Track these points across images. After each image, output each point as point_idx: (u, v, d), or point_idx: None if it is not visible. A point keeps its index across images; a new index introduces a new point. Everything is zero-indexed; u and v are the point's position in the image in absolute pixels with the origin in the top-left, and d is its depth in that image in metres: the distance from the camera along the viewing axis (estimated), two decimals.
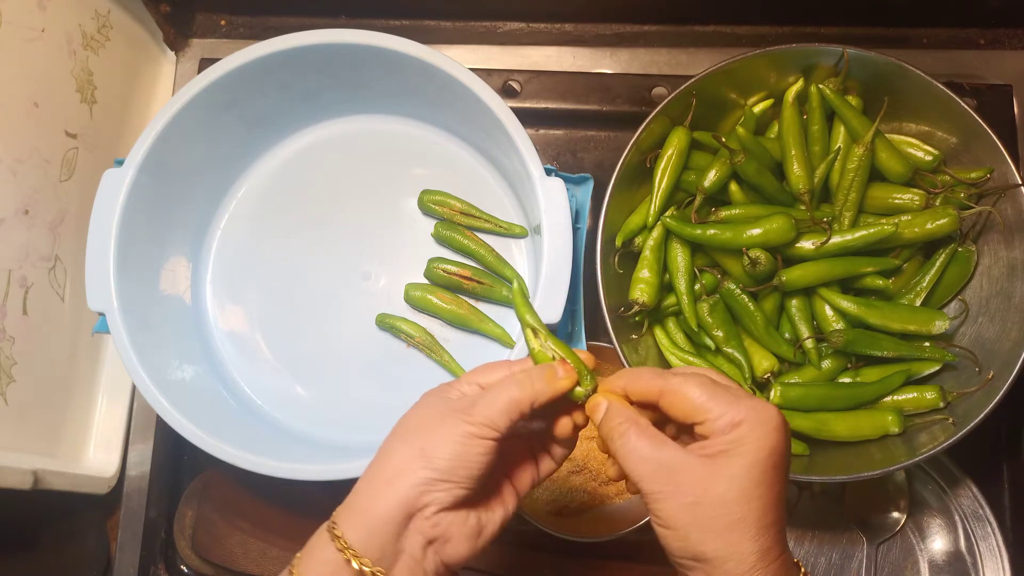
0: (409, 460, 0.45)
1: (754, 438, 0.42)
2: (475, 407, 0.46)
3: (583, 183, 0.70)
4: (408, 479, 0.45)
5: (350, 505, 0.47)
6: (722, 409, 0.43)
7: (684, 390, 0.45)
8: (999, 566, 0.69)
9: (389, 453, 0.47)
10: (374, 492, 0.46)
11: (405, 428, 0.48)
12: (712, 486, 0.42)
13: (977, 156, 0.67)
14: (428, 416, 0.47)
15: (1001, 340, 0.65)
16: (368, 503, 0.46)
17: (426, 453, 0.45)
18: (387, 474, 0.46)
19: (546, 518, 0.72)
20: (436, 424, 0.46)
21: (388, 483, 0.45)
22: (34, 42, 0.69)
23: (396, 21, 0.87)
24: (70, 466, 0.74)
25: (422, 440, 0.46)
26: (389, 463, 0.46)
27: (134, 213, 0.67)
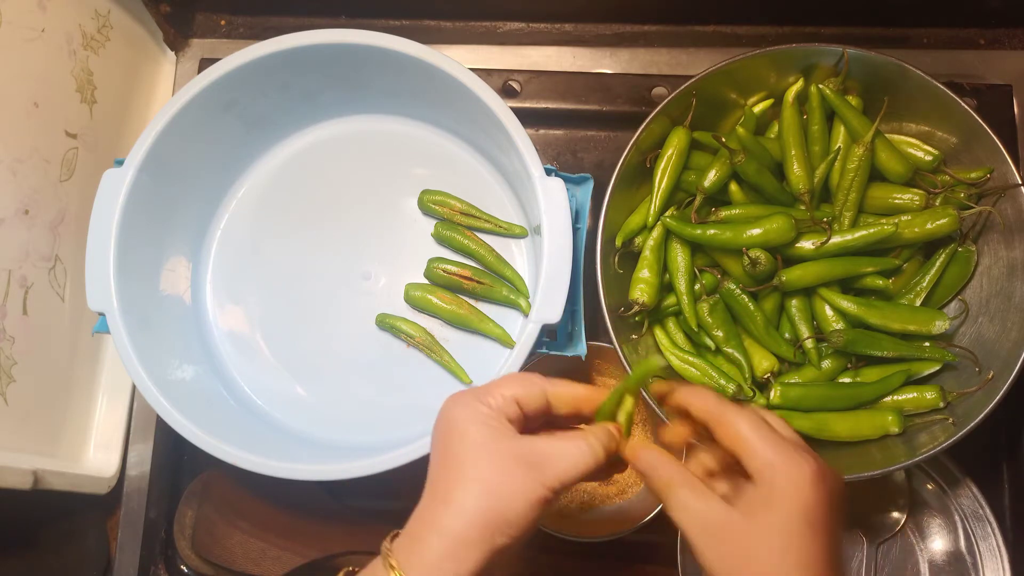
0: (482, 516, 0.45)
1: (787, 492, 0.43)
2: (550, 469, 0.46)
3: (583, 183, 0.70)
4: (478, 533, 0.45)
5: (409, 534, 0.46)
6: (760, 448, 0.44)
7: (735, 421, 0.45)
8: (999, 566, 0.69)
9: (452, 494, 0.46)
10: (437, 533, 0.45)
11: (468, 463, 0.46)
12: (751, 546, 0.43)
13: (977, 156, 0.67)
14: (491, 463, 0.46)
15: (1001, 340, 0.65)
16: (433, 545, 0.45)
17: (502, 516, 0.45)
18: (450, 518, 0.45)
19: (546, 518, 0.72)
20: (506, 479, 0.45)
21: (450, 530, 0.45)
22: (34, 42, 0.69)
23: (396, 21, 0.87)
24: (70, 466, 0.74)
25: (490, 495, 0.45)
26: (455, 505, 0.45)
27: (134, 213, 0.67)
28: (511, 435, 0.47)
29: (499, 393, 0.49)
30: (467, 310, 0.73)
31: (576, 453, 0.47)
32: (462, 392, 0.50)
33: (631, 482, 0.75)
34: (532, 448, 0.47)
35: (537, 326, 0.63)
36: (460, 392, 0.50)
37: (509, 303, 0.73)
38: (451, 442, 0.47)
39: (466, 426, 0.47)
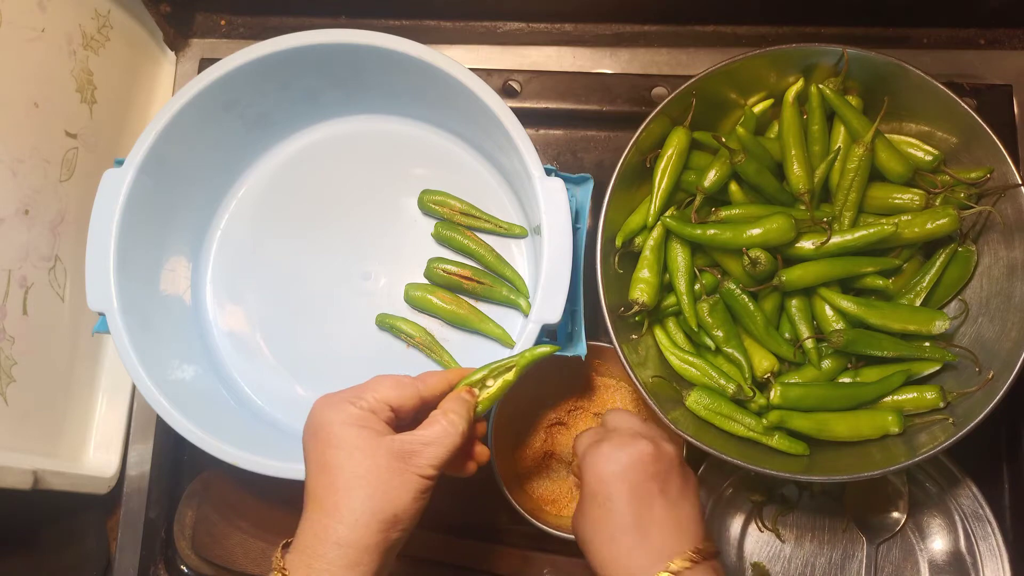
0: (375, 519, 0.47)
1: (584, 483, 0.55)
2: (422, 458, 0.49)
3: (583, 183, 0.70)
4: (373, 537, 0.47)
5: (303, 550, 0.47)
6: (578, 452, 0.58)
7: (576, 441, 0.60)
8: (999, 566, 0.69)
9: (340, 502, 0.47)
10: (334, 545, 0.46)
11: (348, 468, 0.47)
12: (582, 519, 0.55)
13: (977, 156, 0.67)
14: (371, 465, 0.47)
15: (1001, 340, 0.65)
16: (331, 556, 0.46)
17: (391, 514, 0.47)
18: (345, 528, 0.46)
19: (546, 518, 0.72)
20: (387, 477, 0.47)
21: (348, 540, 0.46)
22: (34, 42, 0.69)
23: (396, 21, 0.87)
24: (70, 466, 0.74)
25: (377, 497, 0.47)
26: (346, 513, 0.47)
27: (134, 213, 0.67)
28: (383, 433, 0.49)
29: (371, 396, 0.50)
30: (467, 310, 0.73)
31: (440, 432, 0.50)
32: (333, 394, 0.51)
33: None
34: (403, 442, 0.49)
35: (537, 326, 0.63)
36: (331, 394, 0.51)
37: (509, 303, 0.73)
38: (327, 447, 0.48)
39: (340, 429, 0.48)
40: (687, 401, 0.68)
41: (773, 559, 0.74)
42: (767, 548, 0.74)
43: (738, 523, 0.74)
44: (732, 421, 0.67)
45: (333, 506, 0.47)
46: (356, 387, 0.51)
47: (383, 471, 0.47)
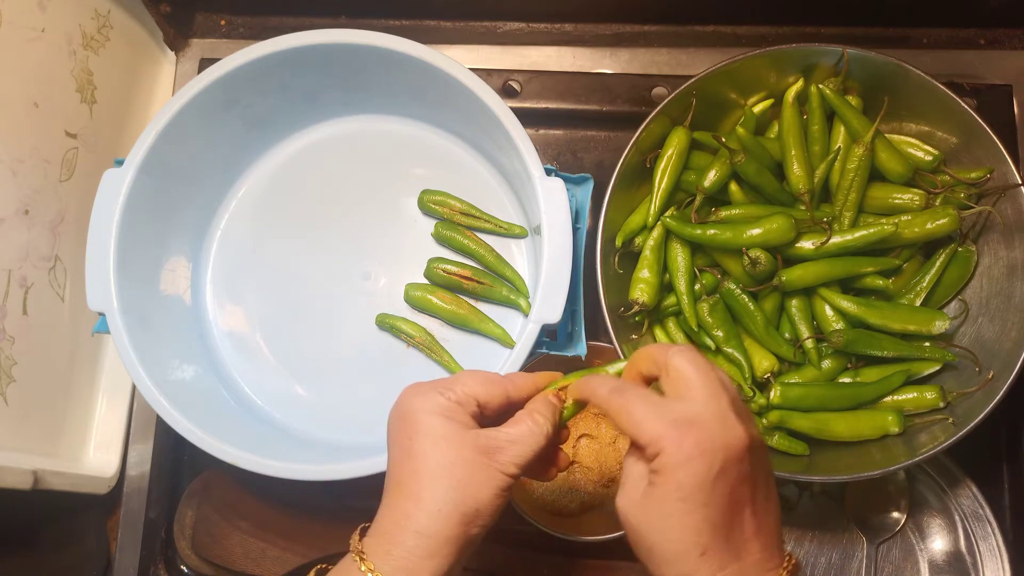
0: (457, 511, 0.46)
1: (665, 469, 0.43)
2: (506, 455, 0.48)
3: (583, 183, 0.70)
4: (454, 529, 0.46)
5: (382, 535, 0.47)
6: (645, 428, 0.44)
7: (622, 406, 0.46)
8: (999, 566, 0.69)
9: (423, 490, 0.46)
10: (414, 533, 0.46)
11: (433, 457, 0.47)
12: (643, 515, 0.44)
13: (977, 156, 0.67)
14: (456, 457, 0.47)
15: (1001, 340, 0.65)
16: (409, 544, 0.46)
17: (473, 508, 0.46)
18: (427, 517, 0.46)
19: (546, 518, 0.72)
20: (472, 470, 0.47)
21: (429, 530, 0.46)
22: (34, 42, 0.69)
23: (396, 21, 0.87)
24: (70, 466, 0.74)
25: (461, 489, 0.46)
26: (428, 502, 0.46)
27: (134, 213, 0.67)
28: (469, 427, 0.48)
29: (461, 389, 0.50)
30: (467, 310, 0.73)
31: (525, 432, 0.49)
32: (422, 383, 0.50)
33: None
34: (488, 438, 0.48)
35: (537, 326, 0.63)
36: (420, 383, 0.50)
37: (509, 303, 0.73)
38: (414, 435, 0.48)
39: (428, 418, 0.48)
40: None
41: None
42: None
43: None
44: None
45: (416, 494, 0.46)
46: (445, 379, 0.51)
47: (468, 464, 0.47)
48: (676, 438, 0.43)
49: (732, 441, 0.44)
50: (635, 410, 0.45)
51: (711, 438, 0.43)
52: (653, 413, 0.44)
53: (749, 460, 0.44)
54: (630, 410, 0.45)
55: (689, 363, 0.45)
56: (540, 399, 0.52)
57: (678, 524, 0.43)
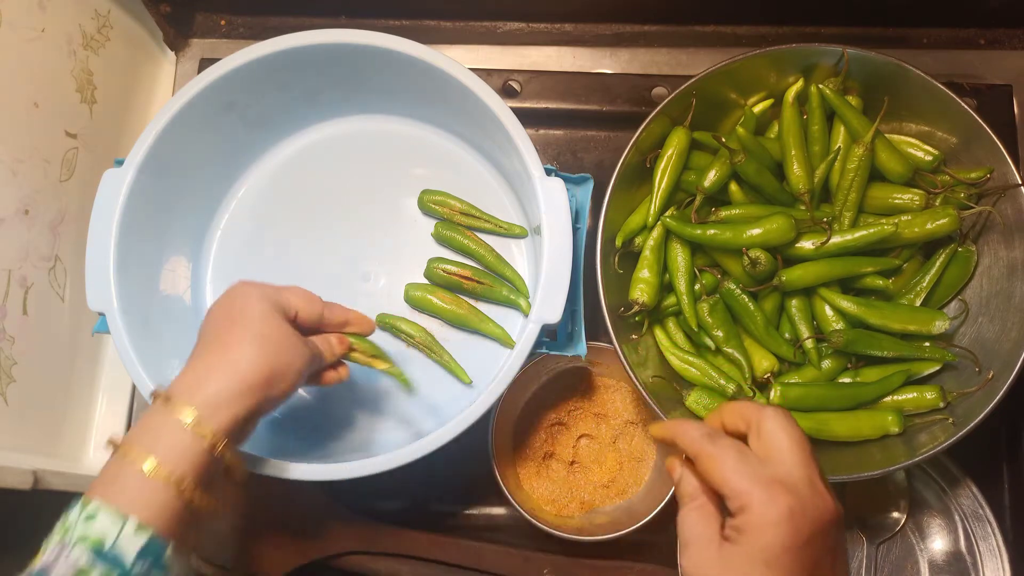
0: (268, 367, 0.53)
1: (752, 529, 0.42)
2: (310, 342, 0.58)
3: (583, 183, 0.70)
4: (264, 383, 0.53)
5: (193, 385, 0.52)
6: (735, 486, 0.43)
7: (714, 459, 0.45)
8: (999, 566, 0.69)
9: (242, 345, 0.53)
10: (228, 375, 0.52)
11: (257, 326, 0.55)
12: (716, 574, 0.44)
13: (977, 156, 0.67)
14: (275, 328, 0.55)
15: (1001, 340, 0.65)
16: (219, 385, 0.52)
17: (280, 371, 0.54)
18: (247, 368, 0.53)
19: (546, 518, 0.72)
20: (284, 342, 0.55)
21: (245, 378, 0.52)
22: (34, 42, 0.69)
23: (396, 21, 0.87)
24: (70, 466, 0.74)
25: (274, 351, 0.54)
26: (247, 356, 0.53)
27: (134, 213, 0.67)
28: (286, 319, 0.57)
29: (287, 297, 0.58)
30: (467, 310, 0.73)
31: (323, 348, 0.60)
32: (255, 283, 0.58)
33: (631, 482, 0.75)
34: (299, 334, 0.58)
35: (537, 326, 0.63)
36: (253, 282, 0.58)
37: (509, 303, 0.73)
38: (245, 307, 0.55)
39: (259, 302, 0.56)
40: (687, 401, 0.68)
41: None
42: None
43: None
44: None
45: (236, 348, 0.53)
46: (274, 286, 0.58)
47: (284, 336, 0.55)
48: (768, 497, 0.42)
49: (823, 511, 0.43)
50: (727, 460, 0.44)
51: (803, 504, 0.43)
52: (746, 467, 0.44)
53: (834, 534, 0.44)
54: (723, 459, 0.45)
55: (783, 428, 0.45)
56: (340, 338, 0.62)
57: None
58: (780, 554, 0.42)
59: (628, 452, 0.76)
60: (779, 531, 0.42)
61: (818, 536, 0.43)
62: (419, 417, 0.71)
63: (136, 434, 0.50)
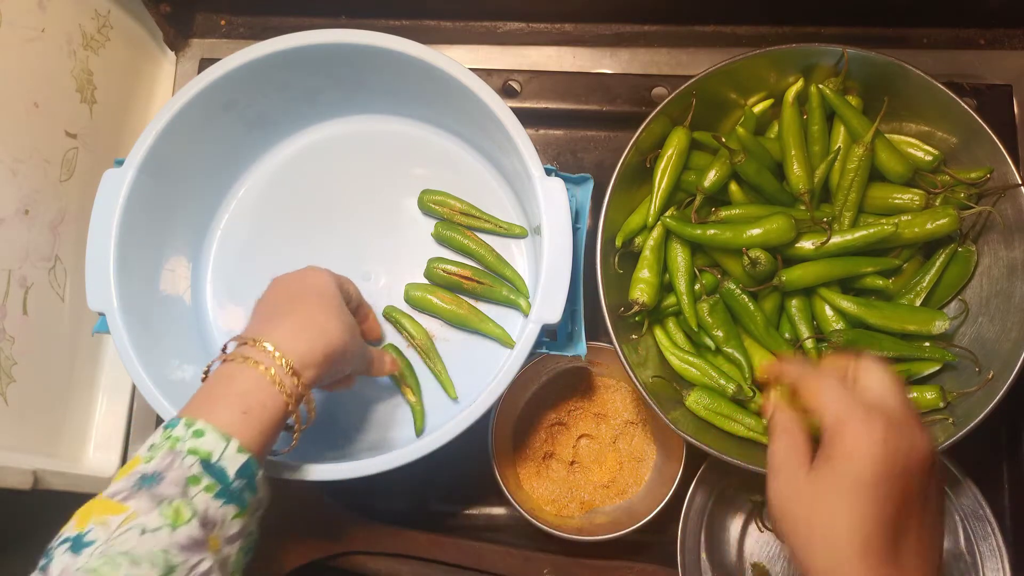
0: (342, 343, 0.58)
1: (845, 452, 0.42)
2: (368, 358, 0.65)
3: (583, 183, 0.70)
4: (339, 356, 0.58)
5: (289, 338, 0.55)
6: (831, 408, 0.44)
7: (814, 385, 0.46)
8: (999, 566, 0.69)
9: (329, 322, 0.58)
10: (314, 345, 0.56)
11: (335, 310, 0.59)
12: (805, 497, 0.44)
13: (977, 156, 0.67)
14: (345, 313, 0.60)
15: (1001, 340, 0.65)
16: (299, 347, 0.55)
17: (349, 350, 0.59)
18: (326, 342, 0.57)
19: (546, 518, 0.72)
20: (350, 327, 0.60)
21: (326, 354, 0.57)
22: (34, 42, 0.69)
23: (396, 21, 0.87)
24: (70, 466, 0.74)
25: (341, 330, 0.58)
26: (328, 331, 0.57)
27: (134, 213, 0.67)
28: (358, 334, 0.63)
29: (345, 285, 0.65)
30: (467, 310, 0.73)
31: (375, 358, 0.66)
32: (322, 267, 0.64)
33: (631, 482, 0.75)
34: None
35: (537, 326, 0.63)
36: (320, 266, 0.64)
37: (509, 303, 0.73)
38: (321, 284, 0.61)
39: (333, 284, 0.62)
40: (687, 401, 0.68)
41: (773, 559, 0.74)
42: (767, 548, 0.74)
43: (738, 523, 0.74)
44: (732, 421, 0.67)
45: (323, 324, 0.57)
46: (337, 275, 0.65)
47: (355, 326, 0.61)
48: (863, 424, 0.43)
49: (917, 447, 0.43)
50: (829, 388, 0.45)
51: (897, 436, 0.42)
52: (845, 395, 0.45)
53: (929, 474, 0.44)
54: (824, 386, 0.45)
55: (882, 369, 0.47)
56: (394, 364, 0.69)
57: (848, 510, 0.42)
58: (868, 483, 0.42)
59: (628, 452, 0.76)
60: (870, 459, 0.42)
61: (910, 473, 0.42)
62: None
63: (234, 367, 0.54)
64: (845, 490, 0.42)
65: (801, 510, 0.44)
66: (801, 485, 0.44)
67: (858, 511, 0.42)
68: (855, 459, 0.42)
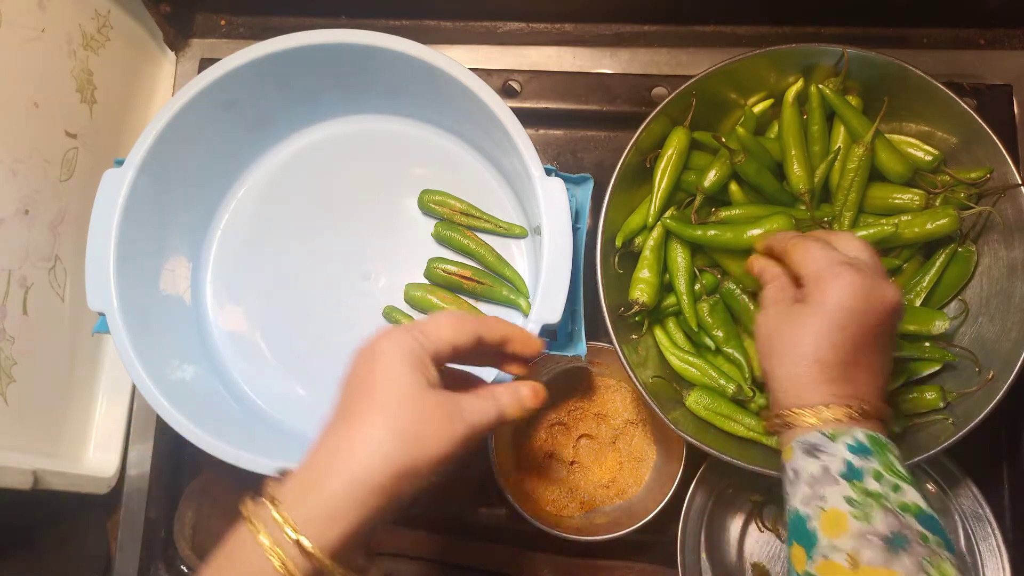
0: (395, 465, 0.43)
1: (819, 291, 0.52)
2: (470, 413, 0.47)
3: (583, 183, 0.70)
4: (389, 479, 0.43)
5: (308, 484, 0.43)
6: (810, 266, 0.53)
7: (793, 249, 0.55)
8: (999, 566, 0.69)
9: (366, 428, 0.44)
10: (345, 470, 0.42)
11: (391, 406, 0.44)
12: (778, 323, 0.53)
13: (977, 156, 0.67)
14: (413, 407, 0.44)
15: (1001, 340, 0.65)
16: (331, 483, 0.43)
17: (414, 467, 0.44)
18: (367, 451, 0.43)
19: (546, 518, 0.72)
20: (423, 425, 0.44)
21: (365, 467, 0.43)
22: (34, 42, 0.69)
23: (396, 21, 0.87)
24: (70, 466, 0.74)
25: (409, 439, 0.44)
26: (375, 439, 0.43)
27: (134, 213, 0.67)
28: (436, 386, 0.47)
29: (435, 334, 0.48)
30: (467, 310, 0.73)
31: (490, 409, 0.48)
32: (396, 328, 0.48)
33: (631, 482, 0.75)
34: (454, 403, 0.46)
35: (537, 326, 0.63)
36: (394, 327, 0.48)
37: (509, 303, 0.73)
38: (378, 374, 0.45)
39: (397, 364, 0.46)
40: (687, 401, 0.68)
41: (773, 559, 0.74)
42: (767, 548, 0.74)
43: (738, 523, 0.74)
44: (732, 421, 0.67)
45: (360, 431, 0.44)
46: (420, 323, 0.48)
47: (423, 417, 0.44)
48: (837, 271, 0.52)
49: (883, 293, 0.52)
50: (811, 248, 0.54)
51: (865, 280, 0.51)
52: (826, 252, 0.53)
53: (888, 319, 0.52)
54: (806, 247, 0.54)
55: (854, 236, 0.56)
56: (513, 388, 0.50)
57: (814, 331, 0.51)
58: (835, 311, 0.51)
59: (628, 452, 0.76)
60: (840, 292, 0.51)
61: (872, 312, 0.51)
62: None
63: (238, 546, 0.43)
64: (815, 316, 0.51)
65: (777, 332, 0.53)
66: (784, 313, 0.54)
67: (824, 332, 0.51)
68: (829, 295, 0.51)
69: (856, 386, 0.51)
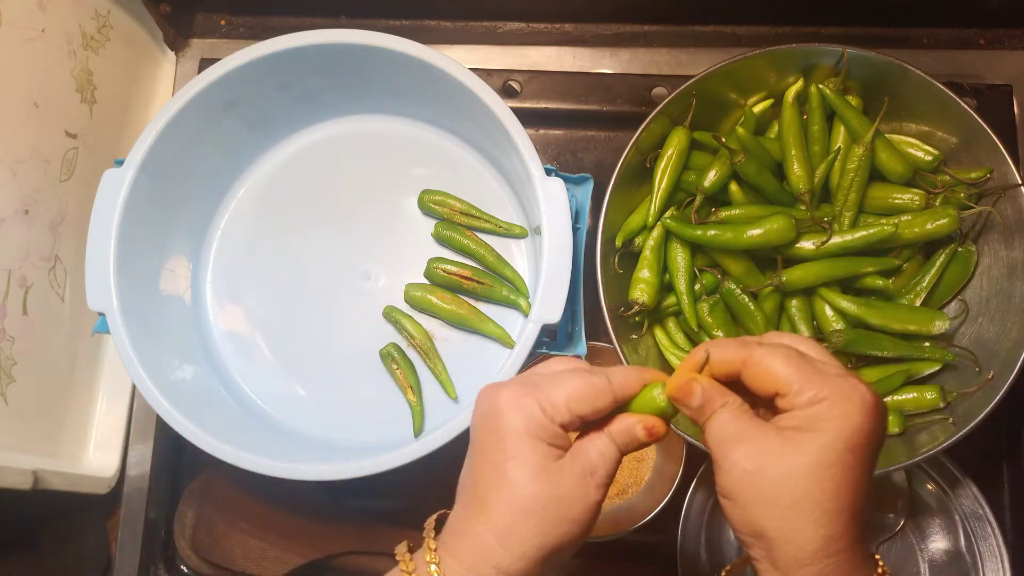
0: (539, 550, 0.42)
1: (834, 416, 0.40)
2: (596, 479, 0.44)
3: (583, 183, 0.70)
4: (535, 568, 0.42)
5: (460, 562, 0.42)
6: (804, 384, 0.40)
7: (767, 361, 0.41)
8: (999, 566, 0.69)
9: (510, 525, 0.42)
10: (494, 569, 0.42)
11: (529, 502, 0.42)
12: (779, 459, 0.40)
13: (977, 156, 0.67)
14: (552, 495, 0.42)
15: (1001, 340, 0.65)
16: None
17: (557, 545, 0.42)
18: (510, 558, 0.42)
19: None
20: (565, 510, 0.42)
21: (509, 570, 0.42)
22: (34, 42, 0.69)
23: (396, 21, 0.87)
24: (70, 466, 0.74)
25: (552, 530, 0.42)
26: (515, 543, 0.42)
27: (134, 213, 0.67)
28: (566, 449, 0.44)
29: (564, 405, 0.43)
30: (467, 310, 0.73)
31: (613, 451, 0.44)
32: (517, 387, 0.44)
33: (631, 482, 0.75)
34: (583, 462, 0.44)
35: (537, 326, 0.63)
36: (515, 387, 0.44)
37: (509, 303, 0.73)
38: (508, 458, 0.43)
39: (527, 443, 0.43)
40: None
41: None
42: None
43: None
44: None
45: (504, 528, 0.42)
46: (542, 381, 0.44)
47: (563, 502, 0.43)
48: (848, 386, 0.40)
49: (880, 410, 0.41)
50: (791, 360, 0.41)
51: (873, 399, 0.41)
52: (806, 362, 0.41)
53: (882, 434, 0.42)
54: (786, 356, 0.41)
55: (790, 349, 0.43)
56: (625, 429, 0.45)
57: (835, 470, 0.39)
58: (863, 441, 0.40)
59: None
60: (863, 418, 0.40)
61: (879, 433, 0.41)
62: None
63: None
64: (839, 451, 0.40)
65: (757, 456, 0.40)
66: (777, 447, 0.40)
67: (843, 479, 0.39)
68: (848, 421, 0.40)
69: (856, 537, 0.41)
